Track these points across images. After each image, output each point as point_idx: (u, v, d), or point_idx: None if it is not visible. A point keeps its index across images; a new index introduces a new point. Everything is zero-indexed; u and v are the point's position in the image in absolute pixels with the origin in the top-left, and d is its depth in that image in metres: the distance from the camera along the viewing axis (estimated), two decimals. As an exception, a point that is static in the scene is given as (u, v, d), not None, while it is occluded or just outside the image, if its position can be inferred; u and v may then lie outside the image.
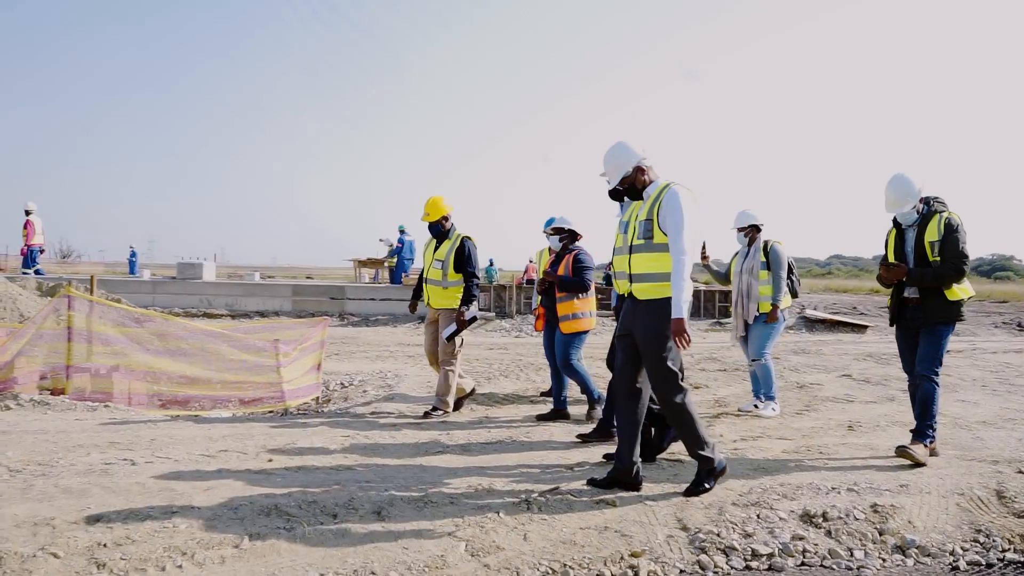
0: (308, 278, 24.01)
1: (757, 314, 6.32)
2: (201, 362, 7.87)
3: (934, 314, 4.55)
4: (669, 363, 3.82)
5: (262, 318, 16.71)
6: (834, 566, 3.19)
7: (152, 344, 7.62)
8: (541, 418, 6.15)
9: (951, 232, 4.49)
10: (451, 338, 6.15)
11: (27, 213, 17.24)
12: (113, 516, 3.28)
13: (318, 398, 8.02)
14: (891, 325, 4.85)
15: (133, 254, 29.01)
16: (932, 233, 4.54)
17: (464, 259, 6.18)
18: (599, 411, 5.82)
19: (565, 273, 6.07)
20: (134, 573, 2.84)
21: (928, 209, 4.62)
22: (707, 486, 3.88)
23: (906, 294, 4.68)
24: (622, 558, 3.15)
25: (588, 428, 5.50)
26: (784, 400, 7.16)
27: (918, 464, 4.43)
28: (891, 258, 4.74)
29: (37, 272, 16.70)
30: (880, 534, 3.43)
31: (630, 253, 3.95)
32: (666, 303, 3.79)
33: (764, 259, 6.36)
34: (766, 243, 6.45)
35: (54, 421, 5.63)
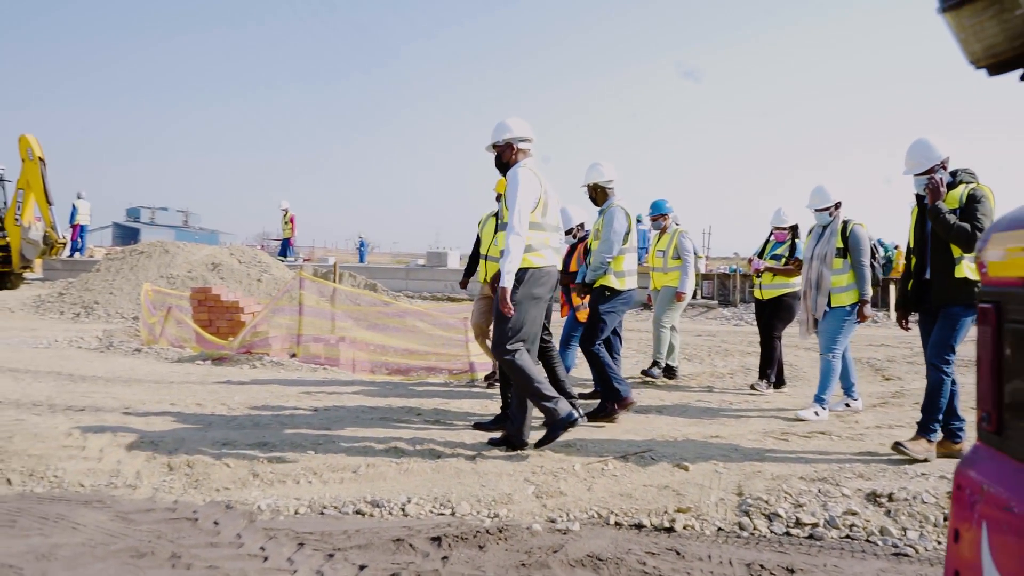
0: (561, 269, 26.05)
1: (828, 309, 5.48)
2: (416, 337, 9.14)
3: (943, 295, 4.16)
4: (507, 327, 4.14)
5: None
6: (879, 543, 3.22)
7: (371, 320, 9.02)
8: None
9: (973, 202, 4.06)
10: None
11: (285, 211, 20.23)
12: (277, 443, 4.31)
13: (508, 372, 8.90)
14: (896, 310, 4.54)
15: (362, 244, 33.09)
16: (952, 203, 4.14)
17: None
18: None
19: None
20: (277, 483, 3.80)
21: (953, 180, 4.21)
22: (556, 435, 4.25)
23: (927, 276, 4.31)
24: (666, 512, 3.48)
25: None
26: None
27: (915, 461, 4.13)
28: (911, 239, 4.42)
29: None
30: (945, 519, 3.36)
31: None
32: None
33: (841, 244, 5.48)
34: (845, 224, 5.57)
35: (280, 378, 7.05)
